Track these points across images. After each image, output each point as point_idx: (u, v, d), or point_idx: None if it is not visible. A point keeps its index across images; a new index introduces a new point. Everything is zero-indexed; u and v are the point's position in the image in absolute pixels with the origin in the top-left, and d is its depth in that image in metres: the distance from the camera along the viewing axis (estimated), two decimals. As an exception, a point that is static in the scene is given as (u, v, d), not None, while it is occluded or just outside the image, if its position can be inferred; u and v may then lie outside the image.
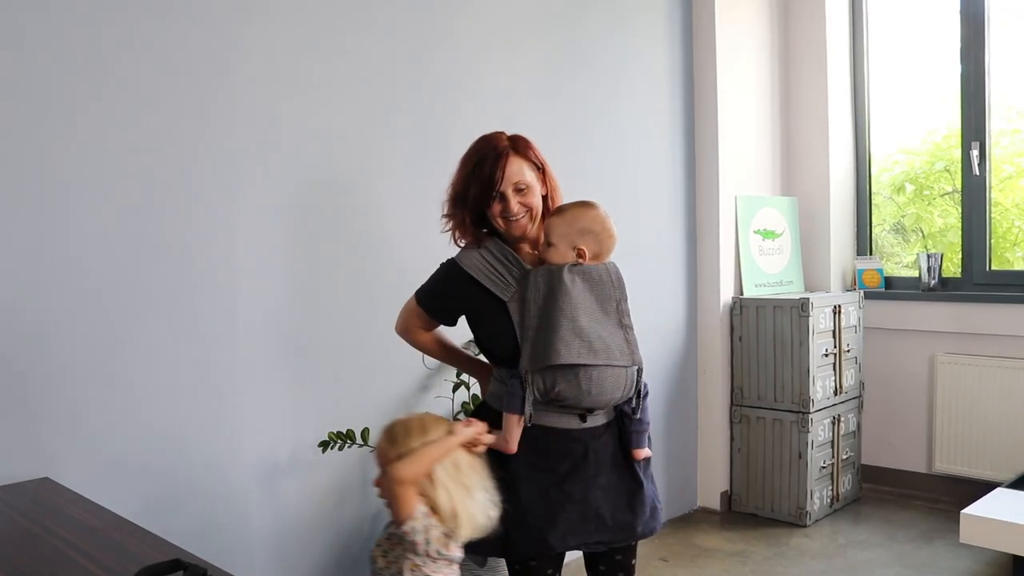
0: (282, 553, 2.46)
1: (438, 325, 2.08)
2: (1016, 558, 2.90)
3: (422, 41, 2.77)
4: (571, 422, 1.87)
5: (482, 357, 2.12)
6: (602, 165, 3.39)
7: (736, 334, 3.80)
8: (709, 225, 3.81)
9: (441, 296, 2.00)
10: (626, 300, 1.89)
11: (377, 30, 2.64)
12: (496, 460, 1.86)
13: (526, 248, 1.97)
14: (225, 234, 2.31)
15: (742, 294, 3.84)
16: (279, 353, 2.44)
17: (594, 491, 1.86)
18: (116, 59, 2.08)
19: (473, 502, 1.52)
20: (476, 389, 2.71)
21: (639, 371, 1.89)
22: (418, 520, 1.46)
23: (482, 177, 1.88)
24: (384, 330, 2.70)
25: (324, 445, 2.43)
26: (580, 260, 1.86)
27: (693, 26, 3.80)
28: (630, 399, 1.90)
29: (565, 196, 2.07)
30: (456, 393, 2.77)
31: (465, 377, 2.76)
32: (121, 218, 2.12)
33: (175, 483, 2.21)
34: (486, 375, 2.08)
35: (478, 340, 2.00)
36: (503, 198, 1.88)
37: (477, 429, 1.64)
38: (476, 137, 1.99)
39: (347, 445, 2.45)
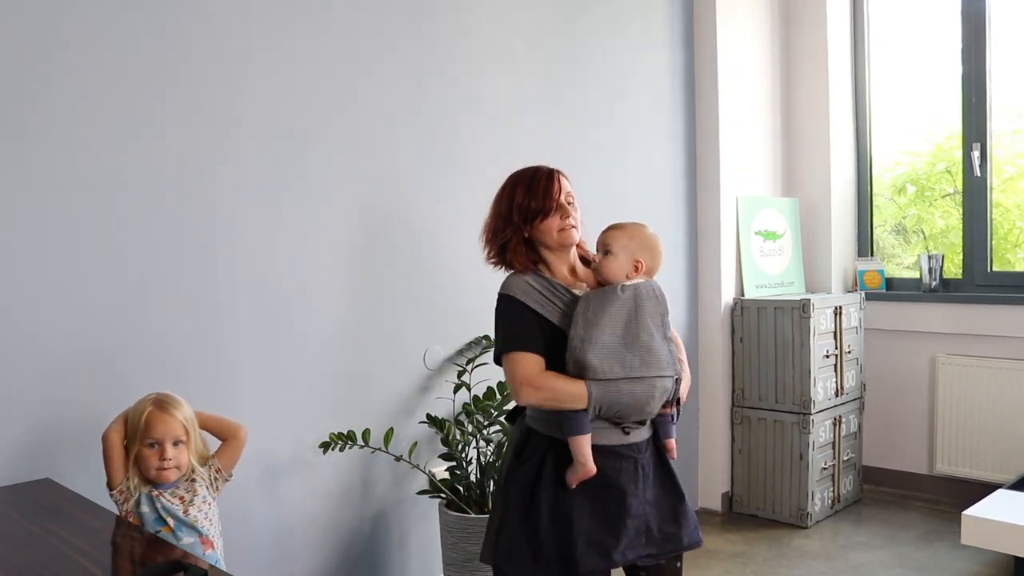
0: (283, 554, 2.46)
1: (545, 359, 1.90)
2: (1017, 559, 2.89)
3: (428, 50, 2.77)
4: (616, 437, 1.88)
5: None
6: (604, 167, 3.39)
7: (737, 335, 3.80)
8: (710, 226, 3.80)
9: (527, 325, 1.90)
10: (668, 314, 1.93)
11: (379, 39, 2.65)
12: (552, 482, 1.88)
13: (565, 272, 1.99)
14: (225, 234, 2.31)
15: (743, 295, 3.84)
16: (280, 353, 2.44)
17: (644, 505, 1.90)
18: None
19: None
20: (478, 390, 2.71)
21: (677, 380, 1.93)
22: None
23: (539, 193, 1.93)
24: (384, 329, 2.71)
25: (325, 446, 2.43)
26: (635, 273, 1.91)
27: (694, 29, 3.80)
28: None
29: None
30: (457, 394, 2.77)
31: (466, 378, 2.76)
32: (120, 219, 2.12)
33: (176, 484, 2.21)
34: None
35: None
36: (560, 207, 1.94)
37: None
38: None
39: (348, 446, 2.45)
